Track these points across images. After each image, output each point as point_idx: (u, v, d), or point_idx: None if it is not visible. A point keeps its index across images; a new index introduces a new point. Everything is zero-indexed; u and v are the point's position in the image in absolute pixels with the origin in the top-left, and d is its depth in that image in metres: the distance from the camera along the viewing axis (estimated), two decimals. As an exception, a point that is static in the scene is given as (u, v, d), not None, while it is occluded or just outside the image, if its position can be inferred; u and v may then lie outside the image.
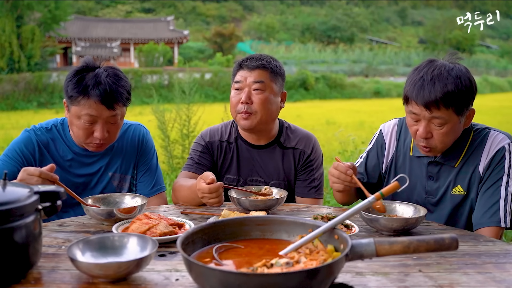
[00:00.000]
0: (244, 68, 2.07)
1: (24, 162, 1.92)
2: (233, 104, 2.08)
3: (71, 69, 1.91)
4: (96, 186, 2.04)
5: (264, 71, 2.06)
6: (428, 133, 1.72)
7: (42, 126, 2.00)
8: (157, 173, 2.17)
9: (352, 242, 1.02)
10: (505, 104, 19.61)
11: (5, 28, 22.89)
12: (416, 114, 1.72)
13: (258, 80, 2.04)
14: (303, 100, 23.42)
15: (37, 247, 1.18)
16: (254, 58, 2.09)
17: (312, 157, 2.18)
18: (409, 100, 1.74)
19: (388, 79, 32.11)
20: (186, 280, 1.14)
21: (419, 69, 1.74)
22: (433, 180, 1.86)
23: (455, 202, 1.83)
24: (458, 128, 1.74)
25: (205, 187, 1.74)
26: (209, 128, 2.26)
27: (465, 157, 1.81)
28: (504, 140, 1.76)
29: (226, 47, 38.39)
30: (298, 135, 2.20)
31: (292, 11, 63.92)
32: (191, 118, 6.06)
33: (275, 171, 2.15)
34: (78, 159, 2.00)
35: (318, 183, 2.18)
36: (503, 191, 1.72)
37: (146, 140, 2.16)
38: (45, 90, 20.77)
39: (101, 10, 54.12)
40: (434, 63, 1.73)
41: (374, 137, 2.10)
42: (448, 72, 1.67)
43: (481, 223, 1.72)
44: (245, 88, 2.05)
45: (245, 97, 2.03)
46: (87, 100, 1.82)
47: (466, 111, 1.72)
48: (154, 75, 23.17)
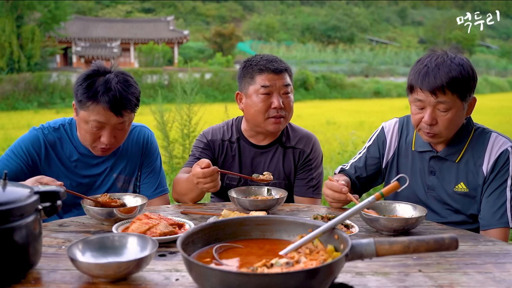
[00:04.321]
0: (268, 72, 2.03)
1: (29, 160, 1.92)
2: (262, 109, 2.03)
3: (82, 73, 1.89)
4: (100, 187, 2.04)
5: (287, 73, 2.08)
6: (433, 119, 1.75)
7: (50, 125, 2.00)
8: (161, 175, 2.17)
9: (352, 242, 1.02)
10: (505, 104, 19.61)
11: (5, 28, 22.90)
12: (421, 101, 1.76)
13: (287, 83, 2.06)
14: (303, 100, 23.41)
15: (37, 247, 1.18)
16: (274, 60, 2.07)
17: (311, 156, 2.18)
18: (413, 88, 1.78)
19: (388, 79, 32.14)
20: (186, 280, 1.14)
21: (422, 59, 1.80)
22: (435, 175, 1.89)
23: (458, 199, 1.86)
24: (462, 114, 1.79)
25: (199, 171, 1.74)
26: (211, 127, 2.26)
27: (466, 154, 1.84)
28: (506, 143, 1.80)
29: (226, 47, 38.38)
30: (298, 135, 2.21)
31: (292, 11, 63.93)
32: (192, 118, 6.07)
33: (276, 171, 2.16)
34: (84, 159, 2.00)
35: (317, 183, 2.19)
36: (508, 192, 1.76)
37: (151, 142, 2.16)
38: (45, 90, 20.78)
39: (101, 10, 54.11)
40: (436, 53, 1.79)
41: (374, 134, 2.12)
42: (451, 60, 1.74)
43: (490, 225, 1.76)
44: (274, 92, 2.03)
45: (278, 102, 2.01)
46: (96, 106, 1.80)
47: (469, 98, 1.77)
48: (154, 75, 23.20)
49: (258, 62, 2.07)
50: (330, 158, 6.97)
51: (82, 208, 1.92)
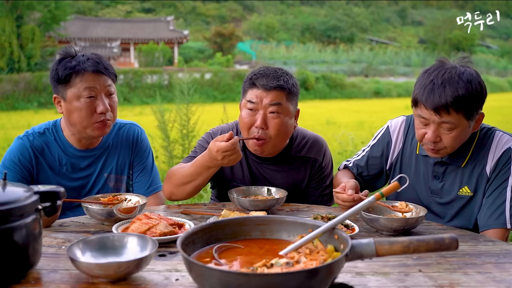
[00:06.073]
0: (259, 87, 1.90)
1: (23, 170, 1.90)
2: (245, 125, 1.92)
3: (53, 62, 1.93)
4: (92, 189, 2.02)
5: (281, 91, 1.90)
6: (437, 137, 1.70)
7: (35, 130, 1.97)
8: (153, 172, 2.15)
9: (352, 242, 1.02)
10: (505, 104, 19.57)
11: (5, 28, 22.90)
12: (425, 118, 1.70)
13: (274, 102, 1.88)
14: (303, 100, 23.39)
15: (37, 247, 1.18)
16: (270, 76, 1.91)
17: (323, 164, 2.12)
18: (418, 104, 1.71)
19: (388, 79, 32.17)
20: (186, 280, 1.14)
21: (429, 71, 1.71)
22: (438, 179, 1.86)
23: (462, 203, 1.82)
24: (467, 132, 1.72)
25: (227, 144, 1.69)
26: (220, 127, 2.18)
27: (472, 158, 1.80)
28: (510, 141, 1.76)
29: (226, 47, 38.38)
30: (308, 142, 2.11)
31: (292, 11, 63.91)
32: (190, 118, 6.07)
33: (283, 182, 2.07)
34: (73, 161, 1.98)
35: (330, 190, 2.13)
36: (509, 192, 1.71)
37: (141, 139, 2.13)
38: (45, 90, 20.75)
39: (101, 10, 54.09)
40: (445, 66, 1.70)
41: (379, 133, 2.07)
42: (459, 76, 1.65)
43: (487, 225, 1.72)
44: (260, 110, 1.89)
45: (260, 122, 1.87)
46: (82, 75, 1.84)
47: (475, 115, 1.70)
48: (154, 75, 23.18)
49: (254, 75, 1.94)
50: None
51: (77, 211, 1.92)
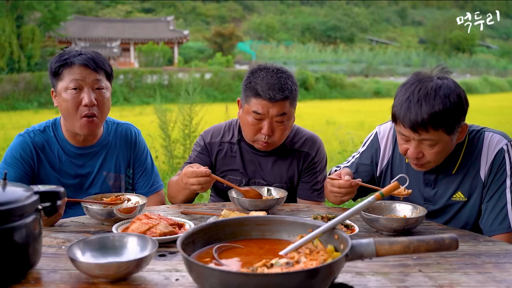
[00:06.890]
0: (264, 97, 1.91)
1: (25, 166, 1.90)
2: (250, 132, 1.98)
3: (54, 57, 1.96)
4: (91, 187, 2.02)
5: (286, 101, 1.95)
6: (419, 153, 1.67)
7: (35, 128, 1.98)
8: (153, 172, 2.18)
9: (352, 242, 1.02)
10: (505, 104, 19.59)
11: (5, 28, 22.88)
12: (405, 135, 1.67)
13: (281, 113, 1.94)
14: (303, 100, 23.40)
15: (37, 247, 1.18)
16: (276, 87, 1.91)
17: (316, 159, 2.15)
18: (397, 121, 1.67)
19: (388, 79, 32.17)
20: (186, 280, 1.14)
21: (406, 86, 1.66)
22: (430, 187, 1.82)
23: (456, 209, 1.80)
24: (451, 145, 1.68)
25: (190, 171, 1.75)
26: (212, 127, 2.23)
27: (463, 163, 1.76)
28: (501, 141, 1.72)
29: (226, 47, 38.39)
30: (303, 137, 2.17)
31: (292, 11, 63.93)
32: (193, 118, 6.07)
33: (278, 174, 2.13)
34: (72, 159, 1.99)
35: (321, 186, 2.15)
36: (508, 194, 1.68)
37: (139, 140, 2.16)
38: (45, 90, 20.73)
39: (101, 10, 54.12)
40: (422, 81, 1.64)
41: (368, 139, 2.04)
42: (435, 91, 1.59)
43: (491, 231, 1.68)
44: (266, 119, 1.94)
45: (267, 130, 1.94)
46: (70, 68, 1.85)
47: (457, 128, 1.65)
48: (154, 75, 23.18)
49: (258, 85, 1.93)
50: (330, 158, 6.97)
51: (77, 209, 1.92)
